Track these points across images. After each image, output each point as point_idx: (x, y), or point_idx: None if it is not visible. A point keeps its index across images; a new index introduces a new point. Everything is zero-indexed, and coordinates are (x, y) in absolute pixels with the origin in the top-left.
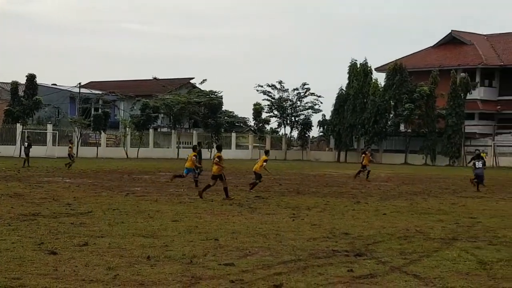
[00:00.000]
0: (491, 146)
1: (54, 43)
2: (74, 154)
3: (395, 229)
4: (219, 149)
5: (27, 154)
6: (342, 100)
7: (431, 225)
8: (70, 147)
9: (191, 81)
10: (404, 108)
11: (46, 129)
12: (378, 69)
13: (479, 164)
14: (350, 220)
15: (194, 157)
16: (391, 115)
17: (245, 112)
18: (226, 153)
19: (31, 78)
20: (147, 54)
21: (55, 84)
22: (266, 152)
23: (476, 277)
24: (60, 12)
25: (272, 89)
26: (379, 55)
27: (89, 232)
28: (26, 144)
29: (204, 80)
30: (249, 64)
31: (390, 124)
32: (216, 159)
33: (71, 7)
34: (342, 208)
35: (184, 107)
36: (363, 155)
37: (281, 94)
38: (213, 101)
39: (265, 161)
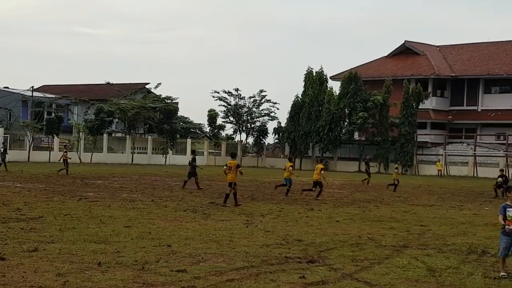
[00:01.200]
0: (442, 155)
1: (6, 45)
2: (69, 158)
3: (348, 236)
4: (235, 156)
5: (3, 159)
6: (297, 107)
7: (383, 233)
8: (65, 152)
9: (147, 86)
10: (358, 117)
11: None
12: (333, 78)
13: None
14: (304, 227)
15: (290, 167)
16: (346, 123)
17: (201, 117)
18: (181, 159)
19: None
20: (100, 58)
21: (7, 87)
22: (321, 160)
23: (425, 284)
24: (13, 13)
25: (229, 95)
26: (335, 63)
27: (39, 238)
28: (2, 149)
29: (158, 84)
30: (205, 70)
31: (345, 132)
32: (236, 168)
33: (23, 9)
34: (296, 215)
35: (139, 112)
36: (395, 169)
37: (237, 101)
38: (168, 107)
39: (322, 169)
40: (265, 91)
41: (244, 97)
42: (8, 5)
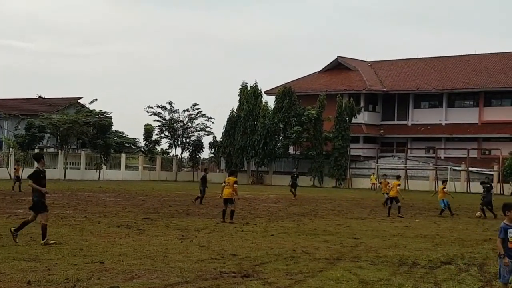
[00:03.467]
0: (374, 168)
1: None
2: (18, 175)
3: (282, 250)
4: (234, 173)
5: None
6: (233, 122)
7: (317, 246)
8: (15, 168)
9: (80, 101)
10: (293, 131)
11: None
12: (268, 92)
13: None
14: (239, 241)
15: (444, 188)
16: (281, 138)
17: (136, 132)
18: (115, 174)
19: None
20: (31, 72)
21: None
22: (398, 177)
23: None
24: None
25: (163, 110)
26: (269, 78)
27: None
28: None
29: (94, 100)
30: (138, 84)
31: (280, 146)
32: (234, 184)
33: None
34: (231, 230)
35: (72, 127)
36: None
37: (171, 115)
38: (102, 121)
39: (399, 185)
40: (198, 104)
41: (178, 109)
42: None
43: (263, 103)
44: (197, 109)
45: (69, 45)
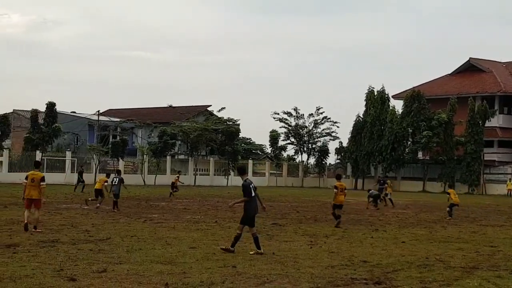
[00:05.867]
0: (511, 173)
1: (73, 72)
2: (182, 183)
3: (415, 257)
4: (340, 178)
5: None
6: (359, 127)
7: (451, 254)
8: (177, 177)
9: (209, 108)
10: (422, 136)
11: (65, 156)
12: (396, 97)
13: None
14: (369, 248)
15: None
16: (409, 143)
17: (262, 138)
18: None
19: (50, 106)
20: (161, 82)
21: (74, 112)
22: (450, 186)
23: None
24: (77, 41)
25: (288, 116)
26: (396, 82)
27: (107, 259)
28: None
29: (222, 108)
30: (266, 90)
31: (408, 152)
32: (344, 190)
33: (86, 36)
34: (360, 236)
35: (201, 134)
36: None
37: (297, 121)
38: (230, 129)
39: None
40: (322, 107)
41: (303, 114)
42: (69, 33)
43: (391, 108)
44: (321, 113)
45: (191, 55)
